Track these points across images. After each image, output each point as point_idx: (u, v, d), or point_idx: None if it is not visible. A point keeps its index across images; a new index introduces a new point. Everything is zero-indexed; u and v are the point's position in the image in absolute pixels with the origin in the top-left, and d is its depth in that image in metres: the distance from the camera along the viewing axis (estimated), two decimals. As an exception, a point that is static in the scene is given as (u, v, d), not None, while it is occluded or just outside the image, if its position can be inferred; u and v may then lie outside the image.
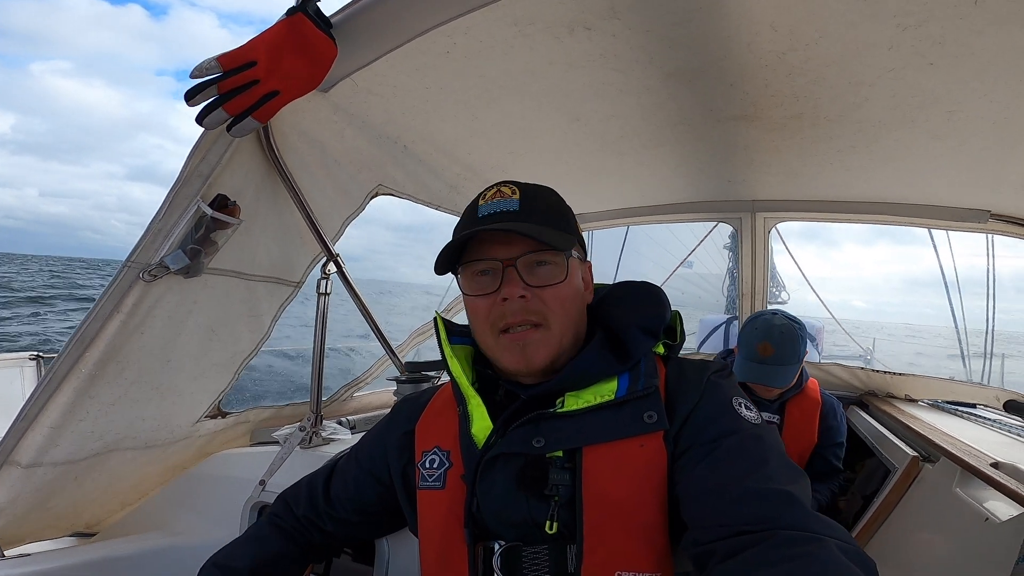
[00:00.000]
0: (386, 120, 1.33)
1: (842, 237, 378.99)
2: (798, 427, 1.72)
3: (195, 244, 1.17)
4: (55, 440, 1.12)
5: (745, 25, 0.91)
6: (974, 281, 3.78)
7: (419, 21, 0.92)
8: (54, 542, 1.32)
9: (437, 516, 0.80)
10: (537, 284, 0.75)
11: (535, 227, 0.74)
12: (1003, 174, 1.48)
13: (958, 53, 0.90)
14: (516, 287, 0.74)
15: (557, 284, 0.76)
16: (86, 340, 1.10)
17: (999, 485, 1.10)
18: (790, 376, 1.67)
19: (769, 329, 1.65)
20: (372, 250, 36.74)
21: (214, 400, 1.41)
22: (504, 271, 0.75)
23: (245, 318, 1.38)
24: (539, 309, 0.75)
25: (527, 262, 0.75)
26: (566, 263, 0.76)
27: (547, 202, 0.80)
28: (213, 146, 1.08)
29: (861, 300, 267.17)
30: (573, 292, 0.78)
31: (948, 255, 3.70)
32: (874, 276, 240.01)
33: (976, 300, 3.85)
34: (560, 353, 0.77)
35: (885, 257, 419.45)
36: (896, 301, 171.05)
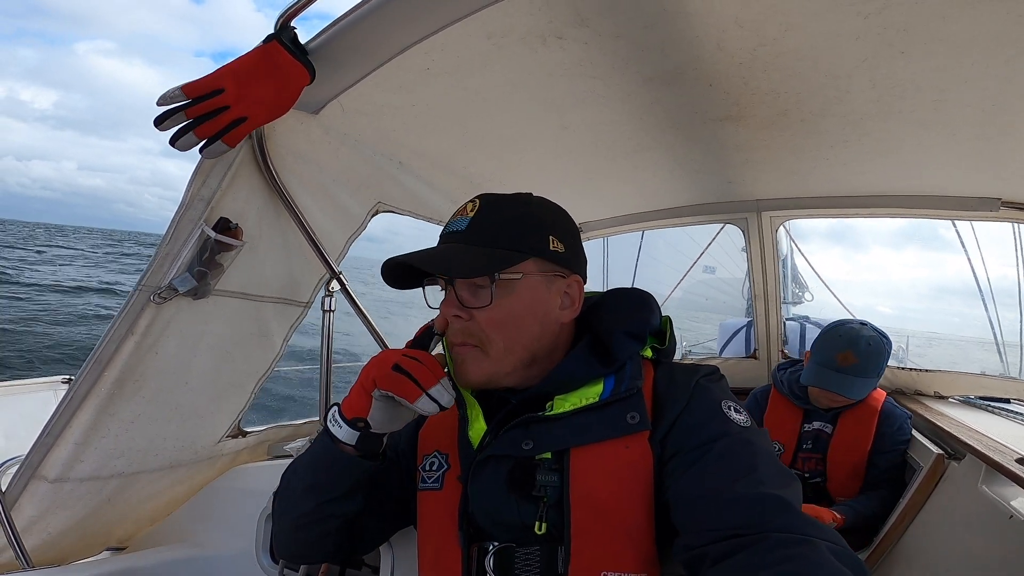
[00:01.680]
0: (378, 138, 1.37)
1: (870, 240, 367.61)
2: (850, 436, 1.64)
3: (201, 266, 1.22)
4: (79, 456, 1.18)
5: (711, 23, 0.93)
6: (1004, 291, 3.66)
7: (394, 41, 0.96)
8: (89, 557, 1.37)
9: (434, 517, 0.82)
10: (474, 305, 0.76)
11: (459, 252, 0.75)
12: (1006, 161, 1.45)
13: (927, 39, 0.90)
14: (450, 307, 0.77)
15: (484, 308, 0.75)
16: (103, 361, 1.16)
17: (1022, 481, 1.07)
18: (866, 389, 1.61)
19: (855, 339, 1.60)
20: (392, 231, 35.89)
21: (234, 420, 1.45)
22: (447, 289, 0.78)
23: (256, 339, 1.42)
24: (475, 332, 0.76)
25: (464, 283, 0.76)
26: (491, 287, 0.74)
27: (501, 216, 0.77)
28: (212, 170, 1.13)
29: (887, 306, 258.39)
30: (515, 313, 0.76)
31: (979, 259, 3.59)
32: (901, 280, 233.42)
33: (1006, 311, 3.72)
34: (499, 376, 0.78)
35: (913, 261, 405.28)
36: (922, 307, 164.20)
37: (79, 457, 1.18)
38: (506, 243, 0.76)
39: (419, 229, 1.65)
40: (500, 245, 0.76)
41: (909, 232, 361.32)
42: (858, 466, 1.64)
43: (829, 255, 43.14)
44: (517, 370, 0.78)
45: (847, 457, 1.64)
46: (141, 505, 1.39)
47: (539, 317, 0.78)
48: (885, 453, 1.62)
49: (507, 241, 0.76)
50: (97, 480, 1.22)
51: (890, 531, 1.48)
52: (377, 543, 0.98)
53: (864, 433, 1.63)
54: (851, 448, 1.64)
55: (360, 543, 0.91)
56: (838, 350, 1.60)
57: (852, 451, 1.64)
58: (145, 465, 1.28)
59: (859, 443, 1.63)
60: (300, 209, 1.33)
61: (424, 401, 0.73)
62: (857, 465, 1.64)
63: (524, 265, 0.76)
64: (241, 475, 1.52)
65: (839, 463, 1.65)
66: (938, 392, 2.15)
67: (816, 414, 1.72)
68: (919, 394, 2.17)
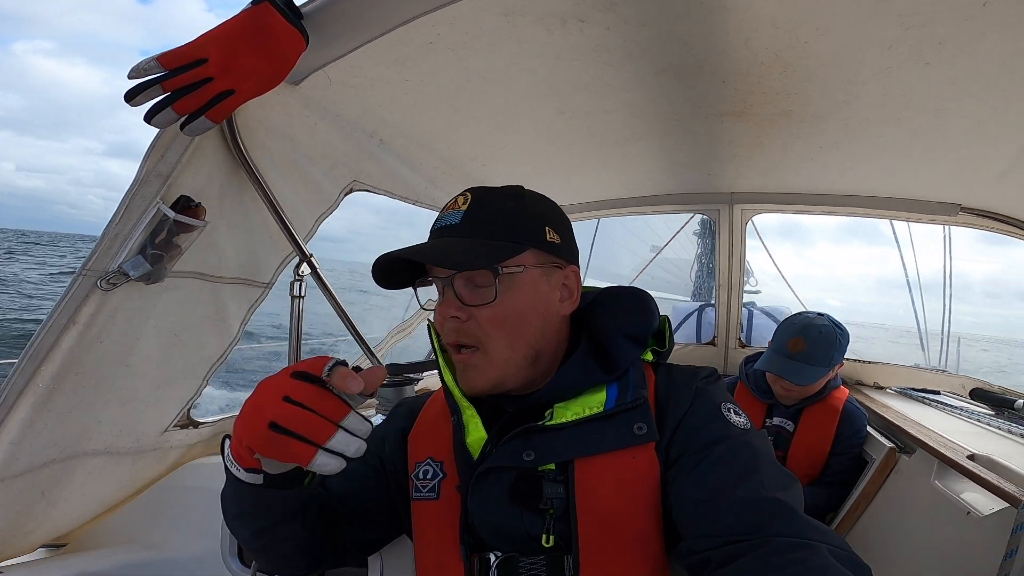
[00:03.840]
0: (361, 114, 1.25)
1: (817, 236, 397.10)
2: (810, 434, 1.67)
3: (156, 249, 1.08)
4: (16, 455, 1.04)
5: (745, 21, 0.87)
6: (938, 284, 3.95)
7: (401, 11, 0.85)
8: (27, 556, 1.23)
9: (432, 527, 0.78)
10: (474, 303, 0.71)
11: (457, 245, 0.71)
12: (978, 169, 1.50)
13: (956, 54, 0.89)
14: (449, 307, 0.72)
15: (487, 304, 0.71)
16: (40, 354, 1.01)
17: (978, 479, 1.13)
18: (814, 377, 1.62)
19: (807, 327, 1.62)
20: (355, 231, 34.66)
21: (182, 408, 1.33)
22: (443, 288, 0.73)
23: (211, 322, 1.29)
24: (474, 332, 0.72)
25: (463, 280, 0.72)
26: (494, 282, 0.70)
27: (496, 209, 0.74)
28: (172, 144, 0.99)
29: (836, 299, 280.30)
30: (518, 308, 0.72)
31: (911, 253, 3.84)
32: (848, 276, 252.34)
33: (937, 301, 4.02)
34: (507, 377, 0.74)
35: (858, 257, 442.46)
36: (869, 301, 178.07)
37: (14, 455, 1.04)
38: (504, 235, 0.72)
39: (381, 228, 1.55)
40: (498, 237, 0.72)
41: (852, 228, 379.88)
42: (816, 465, 1.68)
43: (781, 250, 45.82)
44: (522, 369, 0.74)
45: (807, 456, 1.68)
46: (81, 502, 1.25)
47: (541, 311, 0.74)
48: (840, 454, 1.66)
49: (505, 233, 0.72)
50: (30, 473, 1.09)
51: (842, 522, 1.56)
52: (368, 552, 0.92)
53: (825, 433, 1.67)
54: (812, 447, 1.68)
55: (346, 554, 0.85)
56: (790, 336, 1.64)
57: (812, 450, 1.68)
58: (79, 448, 1.15)
59: (820, 443, 1.67)
60: (269, 186, 1.20)
61: (323, 459, 0.58)
62: (815, 464, 1.68)
63: (524, 257, 0.72)
64: (196, 471, 1.41)
65: (799, 461, 1.69)
66: (877, 383, 2.29)
67: (779, 409, 1.76)
68: (860, 384, 2.30)
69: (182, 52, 0.76)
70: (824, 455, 1.67)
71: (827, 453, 1.66)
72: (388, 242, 32.41)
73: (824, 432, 1.66)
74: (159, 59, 0.76)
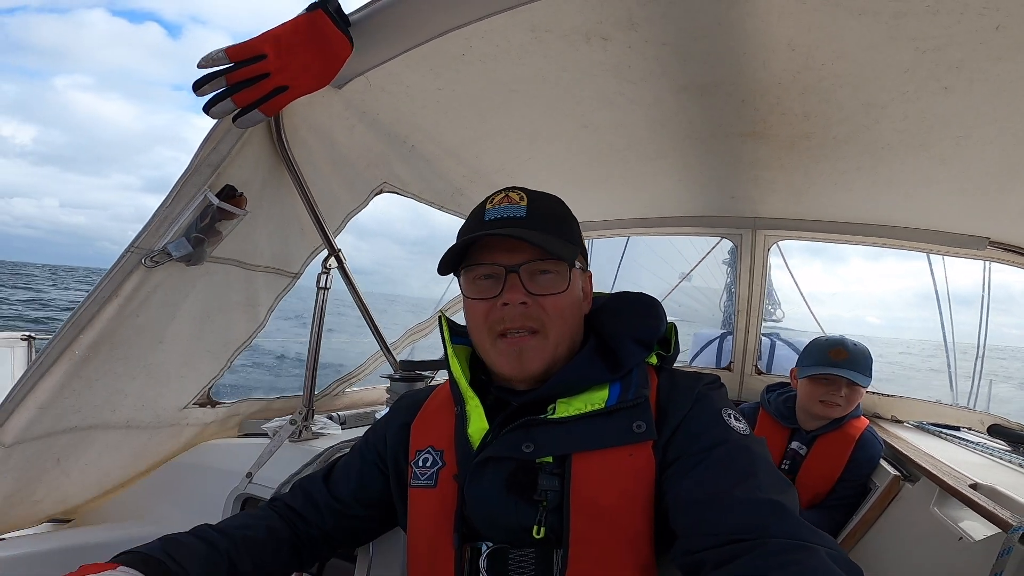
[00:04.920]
0: (396, 119, 1.33)
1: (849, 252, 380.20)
2: (821, 460, 1.66)
3: (199, 232, 1.16)
4: (40, 419, 1.11)
5: (763, 43, 0.91)
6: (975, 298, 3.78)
7: (438, 22, 0.92)
8: (33, 528, 1.28)
9: (427, 515, 0.80)
10: (538, 292, 0.76)
11: (541, 236, 0.75)
12: (1004, 202, 1.49)
13: (974, 78, 0.91)
14: (518, 293, 0.75)
15: (558, 294, 0.77)
16: (81, 323, 1.09)
17: (976, 506, 1.11)
18: (862, 383, 1.63)
19: (841, 340, 1.69)
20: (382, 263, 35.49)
21: (204, 387, 1.40)
22: (507, 277, 0.76)
23: (242, 307, 1.37)
24: (538, 316, 0.76)
25: (530, 270, 0.76)
26: (568, 273, 0.77)
27: (553, 211, 0.80)
28: (225, 136, 1.07)
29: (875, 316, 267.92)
30: (573, 302, 0.79)
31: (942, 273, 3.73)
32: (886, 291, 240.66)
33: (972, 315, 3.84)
34: (555, 361, 0.78)
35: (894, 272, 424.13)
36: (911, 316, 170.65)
37: (40, 420, 1.11)
38: (567, 235, 0.79)
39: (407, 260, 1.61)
40: (563, 235, 0.78)
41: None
42: (822, 491, 1.66)
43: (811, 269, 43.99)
44: (562, 360, 0.79)
45: (815, 481, 1.66)
46: (94, 473, 1.31)
47: (578, 308, 0.81)
48: (847, 481, 1.64)
49: (565, 232, 0.79)
50: (50, 437, 1.15)
51: (841, 544, 1.52)
52: (359, 544, 0.99)
53: (837, 459, 1.65)
54: (821, 472, 1.66)
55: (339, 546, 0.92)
56: (828, 348, 1.66)
57: (821, 475, 1.66)
58: (100, 419, 1.21)
59: (830, 469, 1.65)
60: (306, 181, 1.28)
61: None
62: (822, 490, 1.66)
63: (579, 258, 0.80)
64: (209, 451, 1.46)
65: (807, 486, 1.67)
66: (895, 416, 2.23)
67: (798, 435, 1.75)
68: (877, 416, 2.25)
69: (246, 46, 0.85)
70: (832, 481, 1.64)
71: (835, 479, 1.64)
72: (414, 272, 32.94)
73: (836, 459, 1.64)
74: (227, 51, 0.84)
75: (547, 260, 0.76)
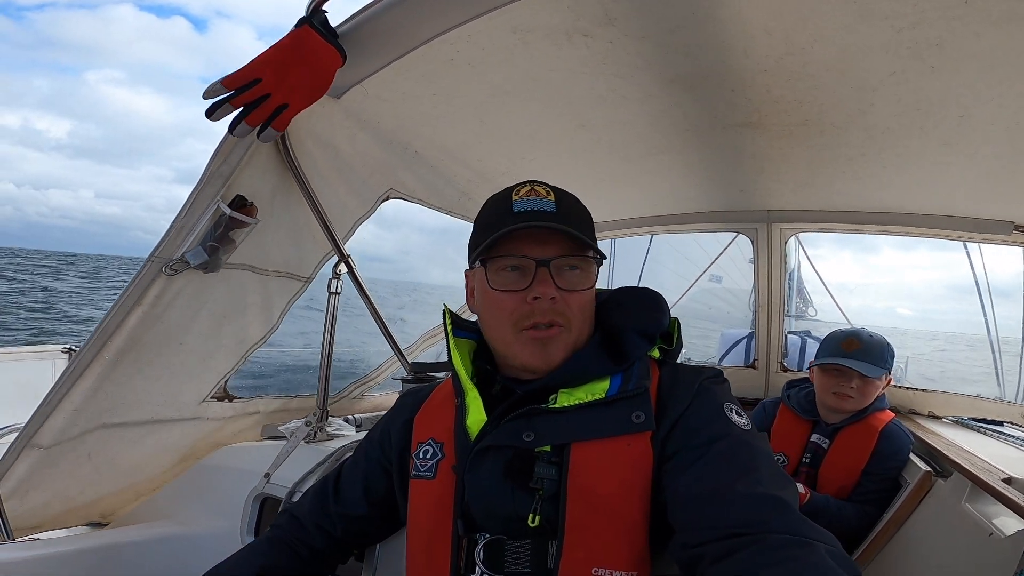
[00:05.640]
0: (396, 125, 1.38)
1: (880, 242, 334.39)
2: (844, 452, 1.62)
3: (214, 241, 1.23)
4: (76, 421, 1.19)
5: (740, 30, 0.92)
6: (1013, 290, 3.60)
7: (422, 30, 0.96)
8: (67, 530, 1.36)
9: (426, 506, 0.81)
10: (566, 287, 0.76)
11: (573, 231, 0.76)
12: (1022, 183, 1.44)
13: (958, 56, 0.89)
14: (549, 287, 0.75)
15: (584, 290, 0.78)
16: (109, 331, 1.17)
17: (1008, 500, 1.07)
18: (876, 372, 1.60)
19: (856, 331, 1.68)
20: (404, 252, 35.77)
21: (220, 380, 1.46)
22: (537, 270, 0.76)
23: (257, 309, 1.44)
24: (564, 311, 0.77)
25: (559, 265, 0.76)
26: (594, 270, 0.79)
27: (578, 207, 0.82)
28: (234, 149, 1.14)
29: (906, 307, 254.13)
30: (592, 297, 0.81)
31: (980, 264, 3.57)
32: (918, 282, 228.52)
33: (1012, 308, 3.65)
34: (575, 354, 0.79)
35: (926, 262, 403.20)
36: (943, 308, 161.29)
37: (74, 421, 1.19)
38: (589, 232, 0.80)
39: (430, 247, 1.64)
40: (587, 231, 0.79)
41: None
42: (847, 485, 1.61)
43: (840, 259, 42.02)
44: (580, 350, 0.80)
45: (838, 474, 1.62)
46: (122, 468, 1.38)
47: (593, 302, 0.82)
48: (874, 474, 1.59)
49: (588, 229, 0.80)
50: (82, 436, 1.23)
51: (872, 543, 1.47)
52: (370, 543, 1.01)
53: (860, 452, 1.60)
54: (844, 465, 1.62)
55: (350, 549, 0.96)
56: (841, 340, 1.65)
57: (844, 468, 1.61)
58: (127, 417, 1.28)
59: (854, 461, 1.61)
60: (313, 190, 1.34)
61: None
62: (846, 484, 1.61)
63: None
64: (233, 454, 1.52)
65: (830, 479, 1.63)
66: (932, 412, 2.14)
67: (819, 427, 1.71)
68: (913, 412, 2.17)
69: (240, 74, 0.92)
70: (856, 474, 1.59)
71: (859, 472, 1.59)
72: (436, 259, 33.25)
73: (860, 451, 1.60)
74: (222, 82, 0.92)
75: (575, 256, 0.77)
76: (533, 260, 0.75)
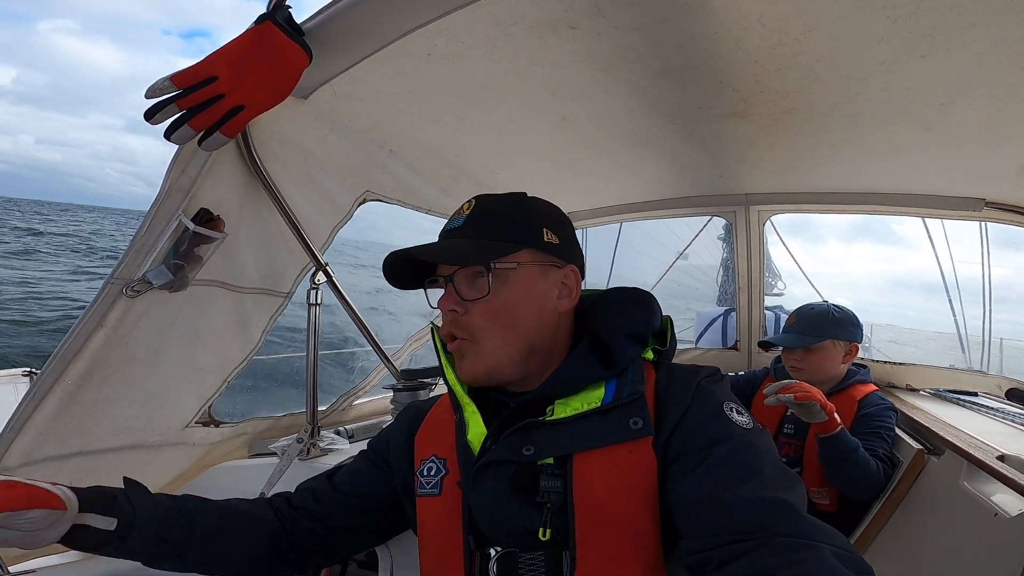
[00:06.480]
0: (370, 125, 1.30)
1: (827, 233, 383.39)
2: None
3: (178, 259, 1.15)
4: (43, 444, 1.11)
5: (733, 21, 0.89)
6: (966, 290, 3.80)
7: (397, 24, 0.89)
8: (60, 556, 1.27)
9: (434, 523, 0.80)
10: (469, 299, 0.77)
11: (455, 244, 0.77)
12: (997, 163, 1.46)
13: (950, 45, 0.88)
14: (448, 301, 0.78)
15: (481, 299, 0.76)
16: (69, 355, 1.08)
17: (1006, 479, 1.09)
18: (803, 342, 1.69)
19: (801, 307, 1.78)
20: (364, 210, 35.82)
21: (203, 405, 1.39)
22: (446, 284, 0.78)
23: (234, 328, 1.36)
24: (466, 324, 0.77)
25: (464, 276, 0.77)
26: (488, 277, 0.75)
27: (495, 212, 0.80)
28: (193, 158, 1.05)
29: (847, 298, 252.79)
30: (512, 303, 0.77)
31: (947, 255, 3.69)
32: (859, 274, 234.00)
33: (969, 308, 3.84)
34: (500, 368, 0.77)
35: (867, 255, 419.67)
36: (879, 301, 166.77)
37: (41, 444, 1.11)
38: (502, 235, 0.78)
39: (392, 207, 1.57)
40: (496, 237, 0.77)
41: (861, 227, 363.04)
42: None
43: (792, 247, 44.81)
44: (516, 362, 0.78)
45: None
46: None
47: (536, 306, 0.78)
48: (866, 432, 1.62)
49: (503, 234, 0.78)
50: (55, 461, 1.15)
51: (870, 525, 1.51)
52: (367, 547, 0.99)
53: (843, 420, 1.62)
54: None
55: (347, 549, 0.92)
56: (790, 316, 1.79)
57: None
58: (106, 443, 1.21)
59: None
60: (284, 198, 1.26)
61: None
62: None
63: (519, 255, 0.77)
64: (222, 473, 1.46)
65: (815, 448, 1.66)
66: (910, 385, 2.21)
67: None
68: (892, 386, 2.23)
69: (193, 71, 0.82)
70: None
71: None
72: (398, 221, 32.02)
73: (842, 418, 1.62)
74: (172, 79, 0.82)
75: (466, 268, 0.77)
76: (443, 276, 0.79)
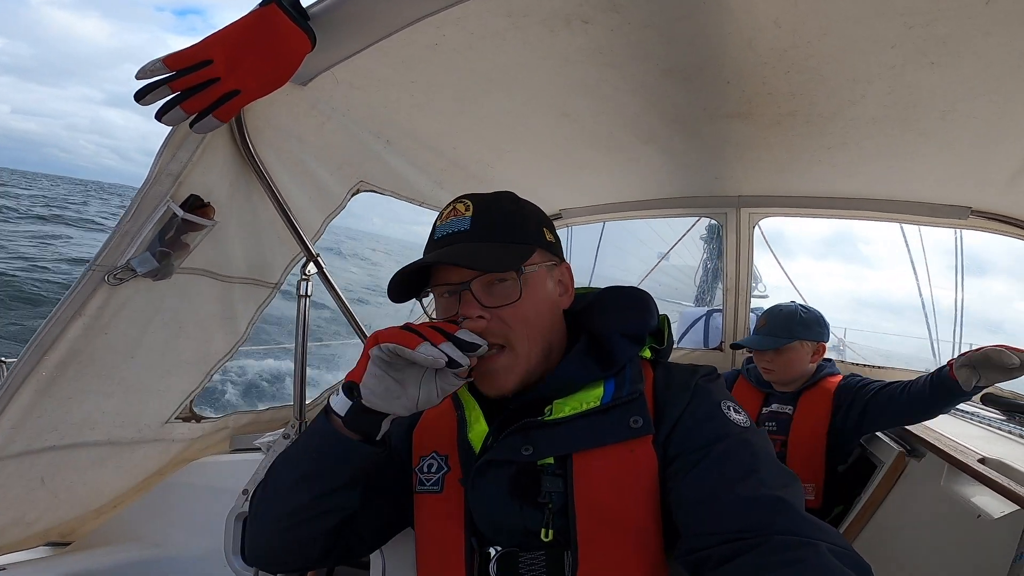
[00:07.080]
0: (368, 115, 1.26)
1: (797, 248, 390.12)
2: (810, 416, 1.74)
3: (164, 246, 1.10)
4: (14, 438, 1.07)
5: (748, 21, 0.88)
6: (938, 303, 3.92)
7: (406, 12, 0.86)
8: (28, 552, 1.26)
9: (435, 520, 0.79)
10: (494, 304, 0.73)
11: (479, 249, 0.74)
12: (987, 171, 1.49)
13: (961, 52, 0.88)
14: (473, 308, 0.73)
15: (511, 304, 0.74)
16: (45, 345, 1.04)
17: (988, 481, 1.11)
18: (772, 344, 1.73)
19: (770, 309, 1.81)
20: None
21: (184, 400, 1.35)
22: (461, 293, 0.75)
23: (219, 319, 1.31)
24: (500, 331, 0.74)
25: (482, 283, 0.74)
26: (519, 280, 0.74)
27: (502, 213, 0.78)
28: (184, 143, 1.01)
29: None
30: (536, 306, 0.76)
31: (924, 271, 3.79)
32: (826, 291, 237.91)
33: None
34: (530, 372, 0.76)
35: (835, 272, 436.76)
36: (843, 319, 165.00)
37: (13, 438, 1.07)
38: (515, 237, 0.76)
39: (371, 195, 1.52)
40: (509, 240, 0.76)
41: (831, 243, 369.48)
42: (817, 446, 1.71)
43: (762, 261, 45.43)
44: (540, 364, 0.77)
45: (807, 438, 1.72)
46: (82, 492, 1.27)
47: (550, 306, 0.78)
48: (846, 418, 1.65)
49: (515, 235, 0.76)
50: (27, 456, 1.11)
51: (850, 526, 1.54)
52: (372, 547, 0.92)
53: (822, 412, 1.71)
54: (811, 427, 1.72)
55: (355, 545, 0.85)
56: (759, 320, 1.82)
57: (811, 430, 1.72)
58: (80, 438, 1.17)
59: (818, 422, 1.71)
60: (277, 186, 1.22)
61: (425, 349, 0.65)
62: (816, 445, 1.71)
63: (535, 256, 0.77)
64: (202, 469, 1.42)
65: (799, 443, 1.74)
66: None
67: (777, 397, 1.82)
68: None
69: (187, 54, 0.78)
70: (823, 435, 1.68)
71: (826, 432, 1.68)
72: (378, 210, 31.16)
73: (820, 412, 1.70)
74: (164, 61, 0.77)
75: (490, 273, 0.74)
76: (452, 284, 0.75)
